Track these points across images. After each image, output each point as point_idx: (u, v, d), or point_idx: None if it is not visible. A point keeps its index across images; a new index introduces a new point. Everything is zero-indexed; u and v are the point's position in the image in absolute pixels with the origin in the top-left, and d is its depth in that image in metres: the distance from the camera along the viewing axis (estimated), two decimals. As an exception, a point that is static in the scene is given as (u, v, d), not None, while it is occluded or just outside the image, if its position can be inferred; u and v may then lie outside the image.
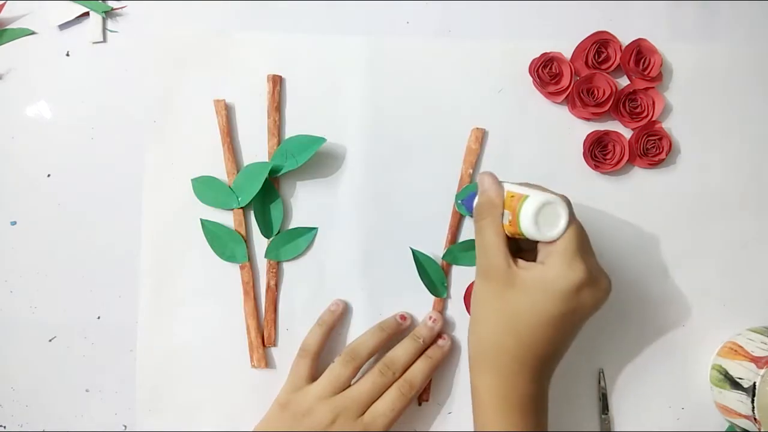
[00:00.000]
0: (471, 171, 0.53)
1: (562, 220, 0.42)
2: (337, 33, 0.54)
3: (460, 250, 0.53)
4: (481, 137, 0.53)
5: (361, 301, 0.53)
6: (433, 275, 0.53)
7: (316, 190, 0.54)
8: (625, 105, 0.53)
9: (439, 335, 0.52)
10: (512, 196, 0.44)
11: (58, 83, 0.54)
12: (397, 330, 0.52)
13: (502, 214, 0.44)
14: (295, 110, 0.54)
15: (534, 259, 0.43)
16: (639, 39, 0.53)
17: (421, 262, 0.53)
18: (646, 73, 0.53)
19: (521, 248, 0.46)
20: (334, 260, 0.53)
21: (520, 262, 0.43)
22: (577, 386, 0.53)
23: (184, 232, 0.53)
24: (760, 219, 0.54)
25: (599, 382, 0.53)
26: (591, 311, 0.43)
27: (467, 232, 0.54)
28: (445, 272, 0.53)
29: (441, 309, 0.53)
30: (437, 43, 0.54)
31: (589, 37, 0.53)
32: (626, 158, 0.53)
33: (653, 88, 0.53)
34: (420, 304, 0.53)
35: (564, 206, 0.42)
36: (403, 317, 0.52)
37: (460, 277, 0.53)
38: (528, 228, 0.42)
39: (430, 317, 0.52)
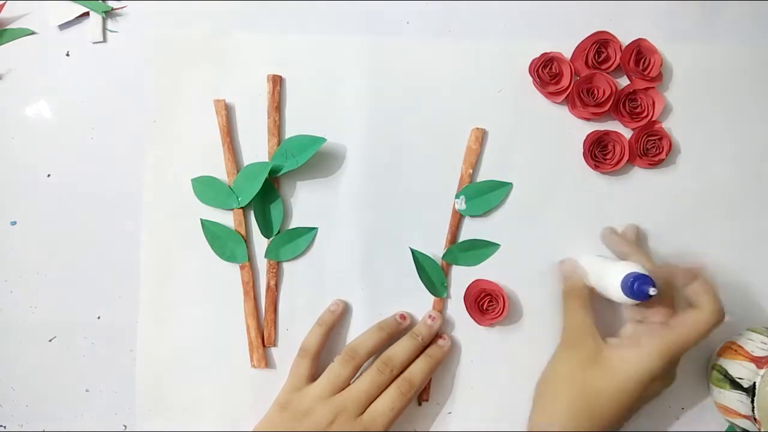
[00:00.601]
0: (471, 171, 0.53)
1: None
2: (337, 33, 0.54)
3: (459, 250, 0.53)
4: (481, 137, 0.53)
5: (361, 301, 0.53)
6: (432, 275, 0.53)
7: (316, 190, 0.54)
8: (625, 105, 0.53)
9: (438, 335, 0.52)
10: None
11: (58, 83, 0.54)
12: (397, 329, 0.52)
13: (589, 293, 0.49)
14: (295, 110, 0.54)
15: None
16: (639, 39, 0.53)
17: (420, 262, 0.53)
18: (646, 73, 0.53)
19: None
20: (334, 260, 0.53)
21: (609, 339, 0.47)
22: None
23: (184, 232, 0.53)
24: (760, 219, 0.54)
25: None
26: (651, 397, 0.46)
27: (467, 232, 0.54)
28: (445, 272, 0.53)
29: (441, 309, 0.53)
30: (437, 43, 0.54)
31: (589, 37, 0.53)
32: (626, 158, 0.53)
33: (653, 88, 0.53)
34: (420, 304, 0.53)
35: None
36: (402, 317, 0.52)
37: (460, 276, 0.53)
38: (613, 293, 0.46)
39: (430, 316, 0.52)
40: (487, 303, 0.52)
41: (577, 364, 0.46)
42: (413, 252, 0.53)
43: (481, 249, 0.53)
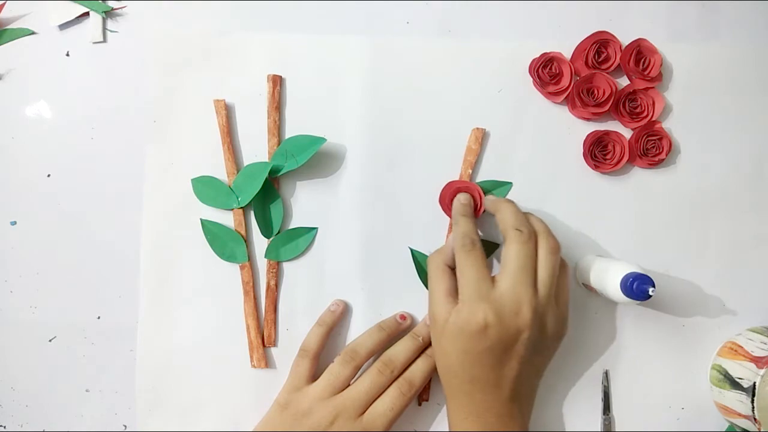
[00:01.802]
0: (470, 171, 0.53)
1: None
2: (337, 33, 0.54)
3: None
4: (481, 137, 0.53)
5: (361, 301, 0.53)
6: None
7: (316, 190, 0.54)
8: (625, 105, 0.53)
9: None
10: None
11: (58, 83, 0.54)
12: (397, 329, 0.52)
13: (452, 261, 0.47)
14: (295, 110, 0.54)
15: None
16: (639, 39, 0.53)
17: (420, 262, 0.53)
18: (646, 73, 0.53)
19: None
20: (334, 260, 0.53)
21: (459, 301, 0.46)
22: (577, 387, 0.53)
23: (184, 232, 0.53)
24: (759, 219, 0.54)
25: (603, 383, 0.53)
26: (513, 345, 0.44)
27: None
28: None
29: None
30: (437, 43, 0.54)
31: (589, 37, 0.53)
32: (626, 158, 0.53)
33: (653, 88, 0.53)
34: (420, 304, 0.53)
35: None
36: (402, 317, 0.52)
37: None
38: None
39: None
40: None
41: (435, 334, 0.47)
42: (413, 252, 0.53)
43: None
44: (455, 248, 0.47)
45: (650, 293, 0.44)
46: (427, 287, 0.53)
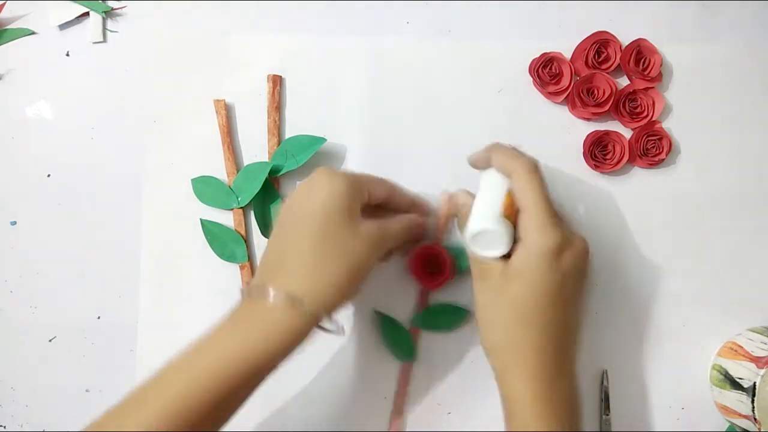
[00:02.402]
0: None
1: (501, 248, 0.43)
2: (337, 33, 0.54)
3: (430, 315, 0.52)
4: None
5: (360, 300, 0.53)
6: (398, 340, 0.52)
7: (316, 190, 0.54)
8: (625, 105, 0.53)
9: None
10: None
11: (58, 83, 0.54)
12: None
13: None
14: (295, 110, 0.54)
15: None
16: (639, 39, 0.53)
17: (385, 327, 0.52)
18: (646, 73, 0.53)
19: None
20: (334, 260, 0.53)
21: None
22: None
23: (184, 232, 0.53)
24: (760, 219, 0.54)
25: (602, 382, 0.53)
26: (578, 274, 0.43)
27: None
28: (414, 338, 0.52)
29: (408, 374, 0.52)
30: (437, 43, 0.54)
31: (589, 37, 0.53)
32: (626, 158, 0.53)
33: (653, 88, 0.53)
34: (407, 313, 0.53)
35: (506, 232, 0.43)
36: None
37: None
38: (467, 245, 0.44)
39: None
40: (429, 266, 0.51)
41: (492, 289, 0.44)
42: (378, 315, 0.52)
43: (453, 314, 0.52)
44: (514, 170, 0.44)
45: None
46: (393, 351, 0.52)
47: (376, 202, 0.46)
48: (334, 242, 0.42)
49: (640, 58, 0.53)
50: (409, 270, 0.52)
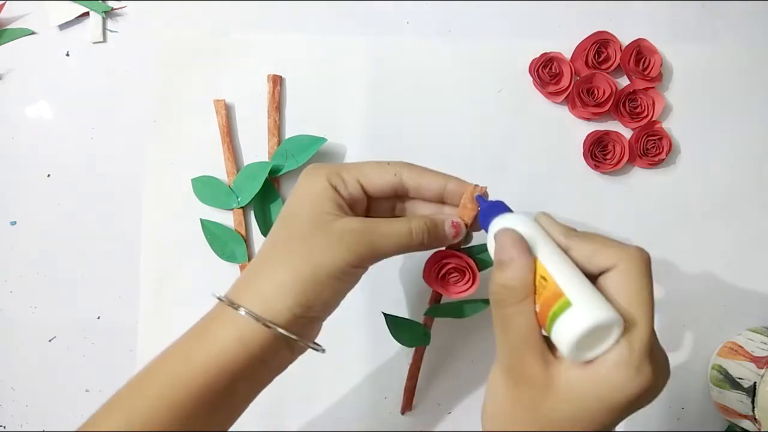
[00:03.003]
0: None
1: (612, 339, 0.31)
2: (337, 33, 0.54)
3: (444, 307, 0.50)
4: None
5: (361, 301, 0.53)
6: (412, 332, 0.49)
7: (316, 190, 0.54)
8: (625, 105, 0.53)
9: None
10: (545, 280, 0.32)
11: (58, 83, 0.54)
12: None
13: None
14: (295, 110, 0.54)
15: None
16: (639, 39, 0.53)
17: (396, 325, 0.49)
18: (646, 73, 0.53)
19: None
20: (334, 260, 0.53)
21: (563, 359, 0.32)
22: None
23: (184, 232, 0.53)
24: (760, 219, 0.54)
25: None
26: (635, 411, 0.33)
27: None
28: (428, 327, 0.50)
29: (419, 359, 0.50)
30: (437, 43, 0.54)
31: (589, 37, 0.53)
32: (626, 158, 0.53)
33: (653, 88, 0.53)
34: (420, 304, 0.53)
35: (619, 321, 0.31)
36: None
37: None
38: (563, 349, 0.31)
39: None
40: (447, 275, 0.44)
41: (526, 399, 0.32)
42: (387, 317, 0.49)
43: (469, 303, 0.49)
44: (625, 260, 0.32)
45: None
46: (400, 342, 0.49)
47: (377, 192, 0.40)
48: (299, 244, 0.37)
49: (640, 58, 0.53)
50: (425, 279, 0.45)
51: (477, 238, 0.44)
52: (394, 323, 0.49)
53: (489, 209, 0.38)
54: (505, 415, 0.33)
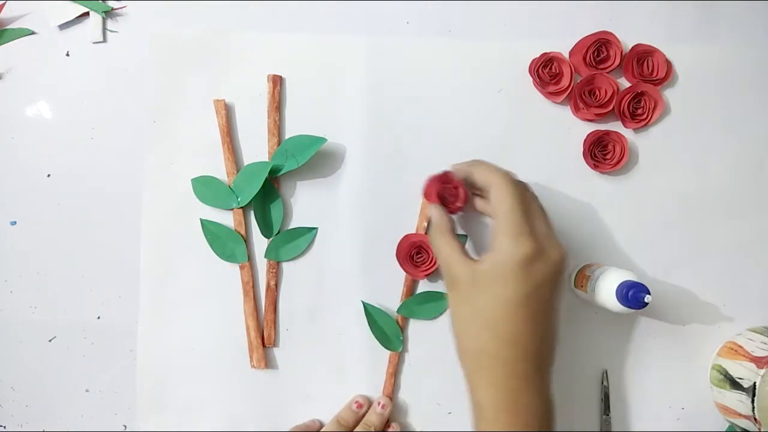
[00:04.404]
0: (426, 224, 0.53)
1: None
2: (337, 33, 0.54)
3: (415, 303, 0.53)
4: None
5: (360, 300, 0.53)
6: (387, 329, 0.53)
7: (316, 190, 0.54)
8: (629, 106, 0.53)
9: (388, 423, 0.52)
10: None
11: (58, 83, 0.54)
12: (355, 419, 0.52)
13: (453, 227, 0.46)
14: (295, 110, 0.54)
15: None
16: (642, 44, 0.53)
17: (373, 316, 0.53)
18: (651, 75, 0.53)
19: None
20: (334, 260, 0.53)
21: (479, 258, 0.44)
22: (577, 387, 0.53)
23: (184, 232, 0.53)
24: (759, 219, 0.54)
25: (602, 383, 0.53)
26: (550, 286, 0.42)
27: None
28: (401, 326, 0.53)
29: (396, 363, 0.53)
30: (437, 43, 0.54)
31: (589, 36, 0.53)
32: (626, 158, 0.53)
33: (654, 88, 0.53)
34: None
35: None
36: (359, 405, 0.52)
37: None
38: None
39: (379, 403, 0.52)
40: (416, 256, 0.52)
41: (461, 296, 0.44)
42: (365, 306, 0.53)
43: (437, 301, 0.53)
44: (492, 181, 0.45)
45: (646, 301, 0.44)
46: (381, 342, 0.53)
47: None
48: None
49: (643, 60, 0.53)
50: (397, 258, 0.52)
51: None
52: (371, 315, 0.53)
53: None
54: (454, 314, 0.44)
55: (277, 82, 0.53)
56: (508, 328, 0.41)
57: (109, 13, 0.55)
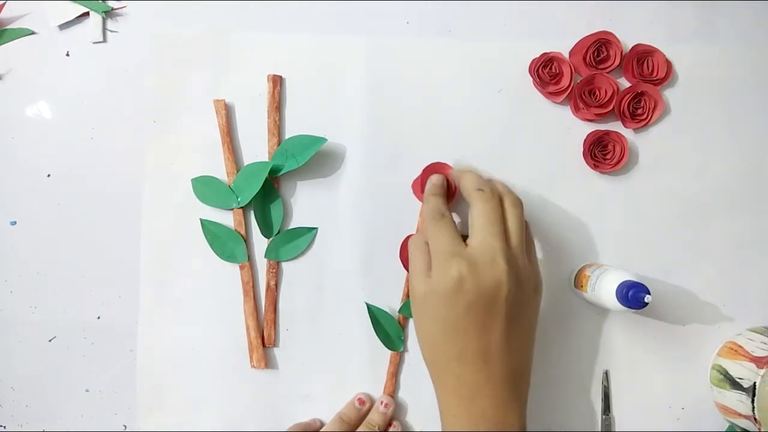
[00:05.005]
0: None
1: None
2: (337, 33, 0.54)
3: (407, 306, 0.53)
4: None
5: (361, 301, 0.53)
6: (389, 329, 0.53)
7: (316, 190, 0.54)
8: (629, 106, 0.53)
9: (390, 422, 0.52)
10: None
11: (58, 83, 0.54)
12: (357, 417, 0.52)
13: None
14: (295, 110, 0.54)
15: None
16: (641, 44, 0.53)
17: (376, 316, 0.53)
18: (651, 75, 0.53)
19: None
20: (334, 260, 0.53)
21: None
22: (577, 387, 0.53)
23: (184, 232, 0.53)
24: (759, 219, 0.54)
25: (602, 383, 0.53)
26: (486, 305, 0.43)
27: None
28: (402, 326, 0.53)
29: (397, 363, 0.53)
30: (437, 43, 0.54)
31: (589, 36, 0.53)
32: (626, 158, 0.53)
33: (654, 88, 0.53)
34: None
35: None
36: (361, 401, 0.52)
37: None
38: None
39: (382, 402, 0.52)
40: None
41: (416, 308, 0.46)
42: (368, 307, 0.53)
43: None
44: (426, 223, 0.47)
45: (646, 301, 0.44)
46: (383, 342, 0.53)
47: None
48: None
49: (643, 60, 0.53)
50: (400, 259, 0.53)
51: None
52: (374, 315, 0.53)
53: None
54: (414, 319, 0.46)
55: (277, 82, 0.53)
56: (450, 346, 0.43)
57: (109, 13, 0.55)
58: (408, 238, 0.52)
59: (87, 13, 0.54)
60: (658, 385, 0.53)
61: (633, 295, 0.44)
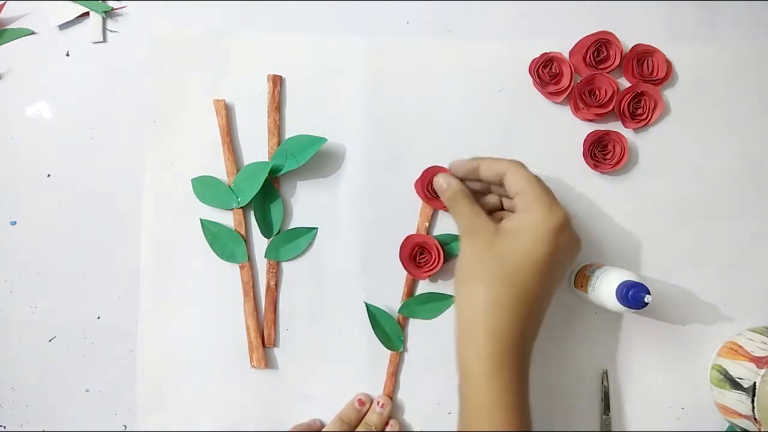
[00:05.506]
0: (427, 224, 0.53)
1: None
2: (337, 33, 0.54)
3: (416, 303, 0.53)
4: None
5: (360, 301, 0.53)
6: (388, 329, 0.53)
7: (316, 190, 0.54)
8: (629, 106, 0.53)
9: (387, 421, 0.52)
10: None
11: (58, 83, 0.54)
12: (357, 417, 0.52)
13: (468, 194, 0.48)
14: (295, 110, 0.54)
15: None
16: (642, 44, 0.53)
17: (375, 316, 0.53)
18: (651, 75, 0.53)
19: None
20: (334, 260, 0.53)
21: (500, 216, 0.48)
22: (577, 386, 0.53)
23: (184, 232, 0.53)
24: (759, 219, 0.54)
25: (602, 382, 0.53)
26: (568, 257, 0.45)
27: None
28: (402, 326, 0.53)
29: (397, 363, 0.53)
30: (437, 43, 0.54)
31: (589, 36, 0.53)
32: (626, 158, 0.53)
33: (654, 88, 0.53)
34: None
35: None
36: (361, 402, 0.52)
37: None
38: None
39: (379, 402, 0.52)
40: (419, 256, 0.52)
41: (482, 243, 0.44)
42: (368, 307, 0.53)
43: (437, 301, 0.53)
44: (506, 167, 0.46)
45: (646, 301, 0.44)
46: (383, 341, 0.53)
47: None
48: None
49: (643, 60, 0.53)
50: (400, 259, 0.52)
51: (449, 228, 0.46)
52: (374, 315, 0.53)
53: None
54: (469, 261, 0.45)
55: (277, 82, 0.53)
56: (522, 281, 0.43)
57: (109, 13, 0.55)
58: (408, 239, 0.52)
59: (87, 13, 0.54)
60: (658, 385, 0.53)
61: (633, 295, 0.44)
